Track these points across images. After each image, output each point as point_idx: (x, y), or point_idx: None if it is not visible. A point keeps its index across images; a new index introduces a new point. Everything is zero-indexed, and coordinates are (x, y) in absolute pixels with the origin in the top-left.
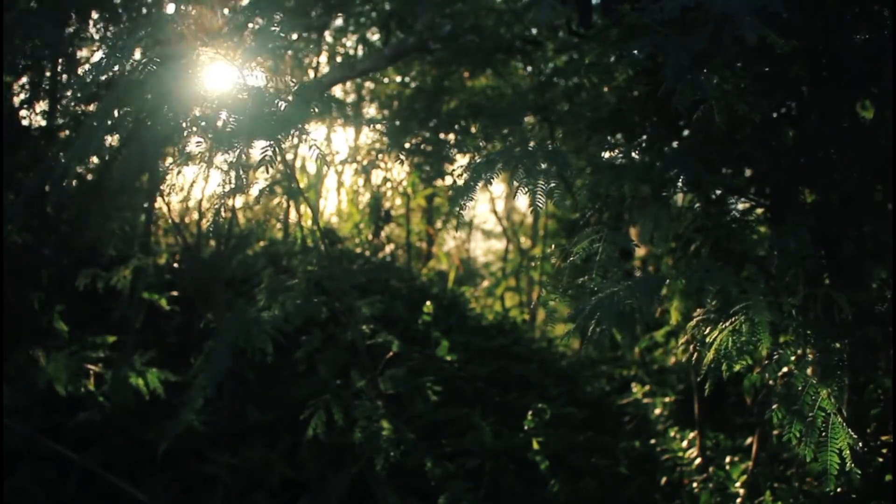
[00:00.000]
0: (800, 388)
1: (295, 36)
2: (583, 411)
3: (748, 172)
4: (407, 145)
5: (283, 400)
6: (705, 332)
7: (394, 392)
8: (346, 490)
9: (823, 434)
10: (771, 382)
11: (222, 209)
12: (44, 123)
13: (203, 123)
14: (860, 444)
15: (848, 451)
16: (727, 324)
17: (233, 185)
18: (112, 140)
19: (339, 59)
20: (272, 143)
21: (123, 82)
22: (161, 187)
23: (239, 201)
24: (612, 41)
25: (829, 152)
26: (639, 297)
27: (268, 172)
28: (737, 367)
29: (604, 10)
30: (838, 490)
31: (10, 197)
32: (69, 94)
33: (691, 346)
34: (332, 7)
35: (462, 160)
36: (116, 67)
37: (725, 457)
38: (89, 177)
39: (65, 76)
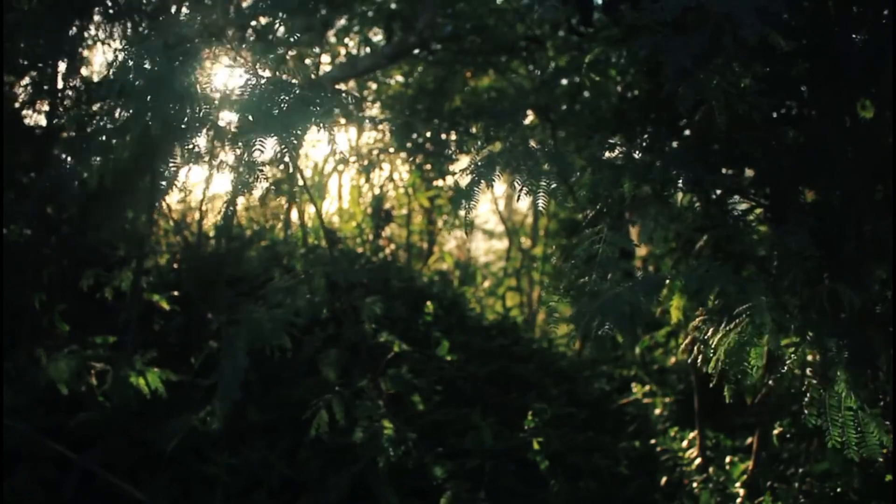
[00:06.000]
0: (821, 392)
1: (297, 36)
2: (583, 411)
3: (748, 172)
4: (409, 145)
5: (283, 400)
6: (707, 335)
7: (395, 392)
8: (346, 490)
9: (860, 430)
10: (770, 383)
11: (229, 209)
12: (45, 124)
13: (209, 124)
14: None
15: (888, 437)
16: (732, 326)
17: (241, 186)
18: (120, 141)
19: (340, 58)
20: (282, 142)
21: (129, 84)
22: (166, 187)
23: (240, 202)
24: (613, 40)
25: (830, 152)
26: (642, 297)
27: (277, 169)
28: (750, 370)
29: (605, 10)
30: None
31: (10, 197)
32: (73, 95)
33: (696, 349)
34: (336, 7)
35: (464, 160)
36: (127, 73)
37: (725, 457)
38: (94, 178)
39: (67, 76)
